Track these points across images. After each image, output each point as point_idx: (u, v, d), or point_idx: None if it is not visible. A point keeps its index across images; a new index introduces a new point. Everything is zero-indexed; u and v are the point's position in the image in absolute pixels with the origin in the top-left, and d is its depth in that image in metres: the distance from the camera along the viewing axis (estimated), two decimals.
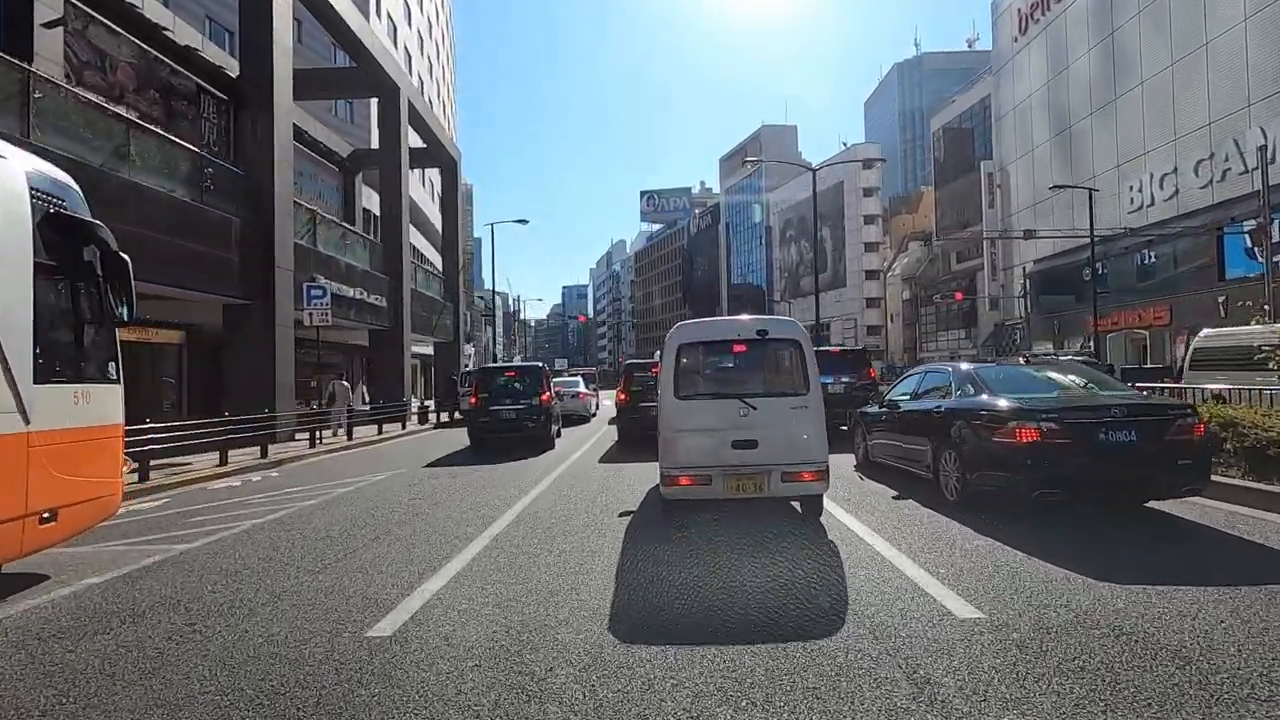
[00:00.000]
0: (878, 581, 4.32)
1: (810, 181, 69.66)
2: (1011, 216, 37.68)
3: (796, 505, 6.35)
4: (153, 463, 9.85)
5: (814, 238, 27.70)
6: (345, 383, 17.98)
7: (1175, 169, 26.24)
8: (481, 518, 6.72)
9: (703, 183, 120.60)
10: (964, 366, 7.03)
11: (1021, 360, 6.90)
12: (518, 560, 5.08)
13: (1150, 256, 27.95)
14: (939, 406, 6.81)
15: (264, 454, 12.35)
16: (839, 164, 54.49)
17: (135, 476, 9.19)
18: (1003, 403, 5.94)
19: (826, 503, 6.29)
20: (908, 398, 7.78)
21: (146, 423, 9.87)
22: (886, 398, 8.40)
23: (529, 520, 6.52)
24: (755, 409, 5.51)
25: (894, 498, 7.05)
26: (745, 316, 6.54)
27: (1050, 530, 5.37)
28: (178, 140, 13.67)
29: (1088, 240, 26.78)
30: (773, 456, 5.46)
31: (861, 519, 6.10)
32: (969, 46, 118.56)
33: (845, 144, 79.13)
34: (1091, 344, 28.68)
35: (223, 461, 11.22)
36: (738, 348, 5.90)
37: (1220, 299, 23.41)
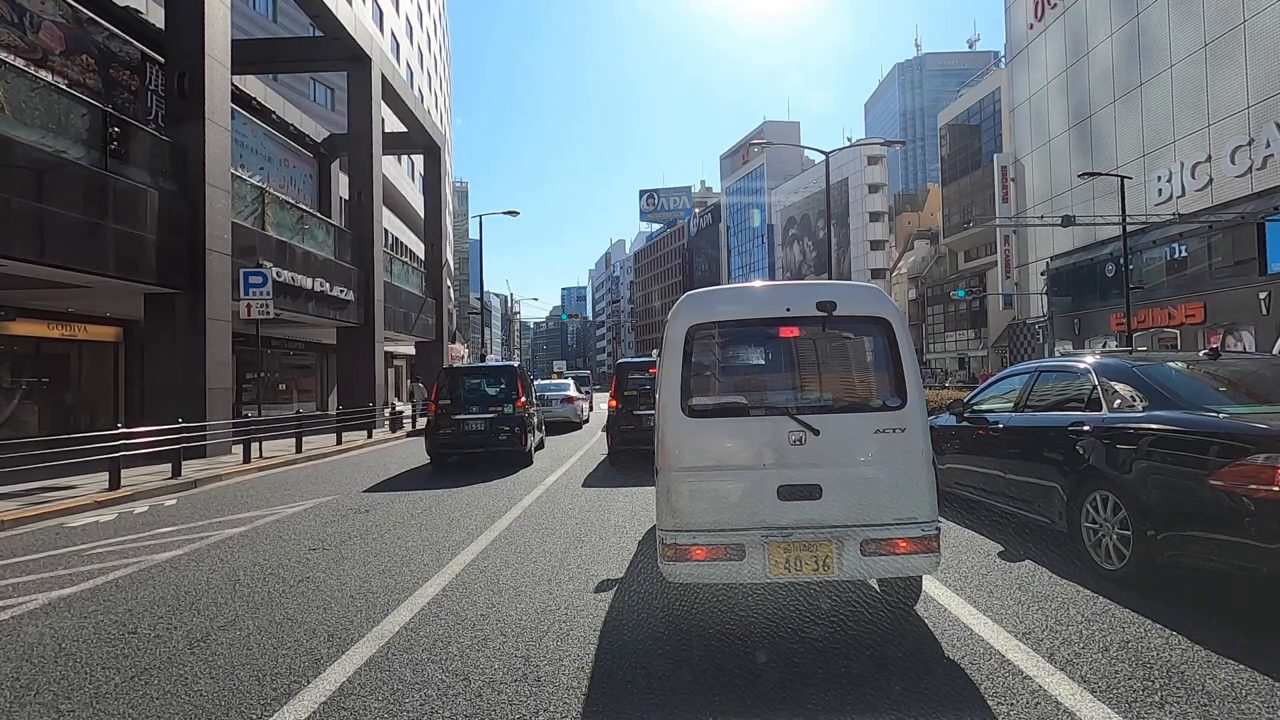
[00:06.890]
0: None
1: (812, 179, 68.20)
2: (1027, 210, 35.95)
3: (873, 582, 4.13)
4: (8, 488, 7.66)
5: (827, 230, 25.60)
6: (422, 384, 19.73)
7: (1209, 157, 24.60)
8: (390, 588, 4.53)
9: (703, 182, 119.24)
10: (1114, 363, 4.69)
11: (1203, 355, 4.47)
12: (406, 702, 2.93)
13: (1181, 250, 26.23)
14: (1078, 422, 4.57)
15: (176, 473, 10.16)
16: (857, 147, 52.55)
17: None
18: (1229, 422, 3.68)
19: None
20: (1008, 407, 5.54)
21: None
22: (970, 407, 6.15)
23: (456, 600, 4.31)
24: (816, 433, 3.32)
25: (1000, 557, 4.86)
26: (799, 282, 3.87)
27: None
28: (67, 89, 11.37)
29: (1109, 235, 24.71)
30: (846, 513, 3.27)
31: (970, 599, 3.94)
32: (970, 47, 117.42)
33: (849, 139, 77.55)
34: (1114, 343, 26.73)
35: (114, 484, 8.97)
36: (787, 331, 3.53)
37: (1262, 295, 21.84)
